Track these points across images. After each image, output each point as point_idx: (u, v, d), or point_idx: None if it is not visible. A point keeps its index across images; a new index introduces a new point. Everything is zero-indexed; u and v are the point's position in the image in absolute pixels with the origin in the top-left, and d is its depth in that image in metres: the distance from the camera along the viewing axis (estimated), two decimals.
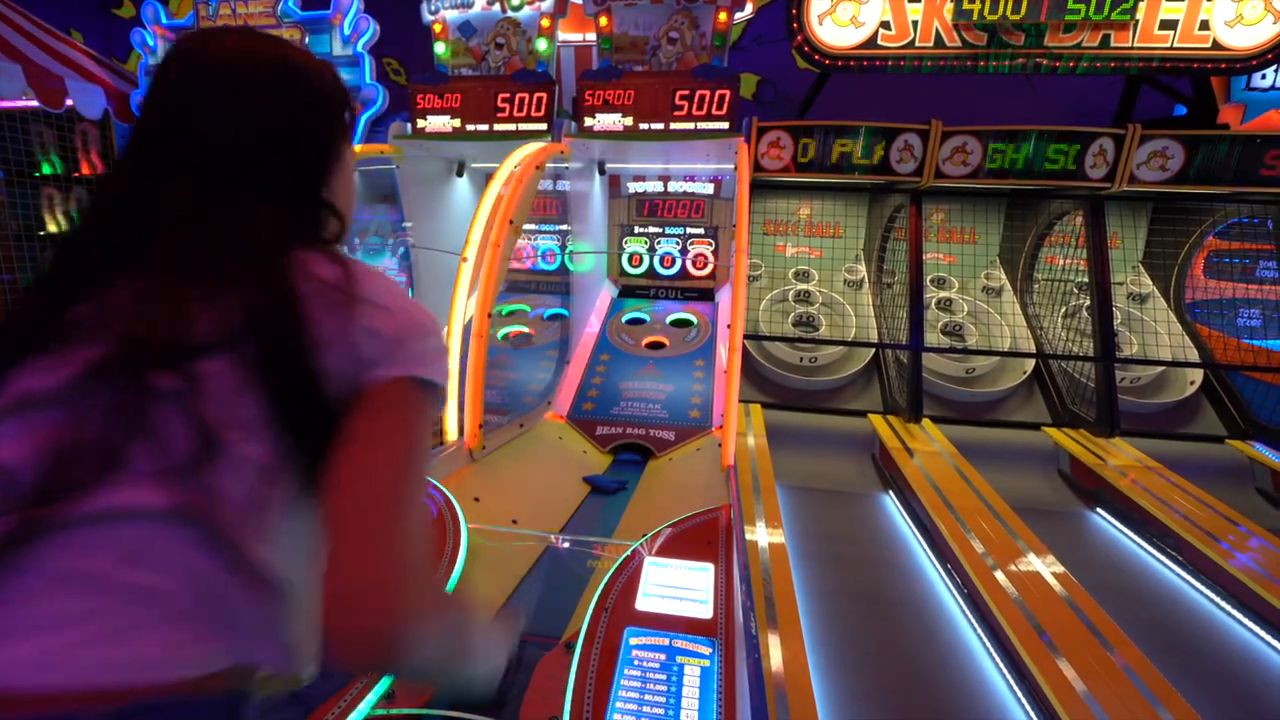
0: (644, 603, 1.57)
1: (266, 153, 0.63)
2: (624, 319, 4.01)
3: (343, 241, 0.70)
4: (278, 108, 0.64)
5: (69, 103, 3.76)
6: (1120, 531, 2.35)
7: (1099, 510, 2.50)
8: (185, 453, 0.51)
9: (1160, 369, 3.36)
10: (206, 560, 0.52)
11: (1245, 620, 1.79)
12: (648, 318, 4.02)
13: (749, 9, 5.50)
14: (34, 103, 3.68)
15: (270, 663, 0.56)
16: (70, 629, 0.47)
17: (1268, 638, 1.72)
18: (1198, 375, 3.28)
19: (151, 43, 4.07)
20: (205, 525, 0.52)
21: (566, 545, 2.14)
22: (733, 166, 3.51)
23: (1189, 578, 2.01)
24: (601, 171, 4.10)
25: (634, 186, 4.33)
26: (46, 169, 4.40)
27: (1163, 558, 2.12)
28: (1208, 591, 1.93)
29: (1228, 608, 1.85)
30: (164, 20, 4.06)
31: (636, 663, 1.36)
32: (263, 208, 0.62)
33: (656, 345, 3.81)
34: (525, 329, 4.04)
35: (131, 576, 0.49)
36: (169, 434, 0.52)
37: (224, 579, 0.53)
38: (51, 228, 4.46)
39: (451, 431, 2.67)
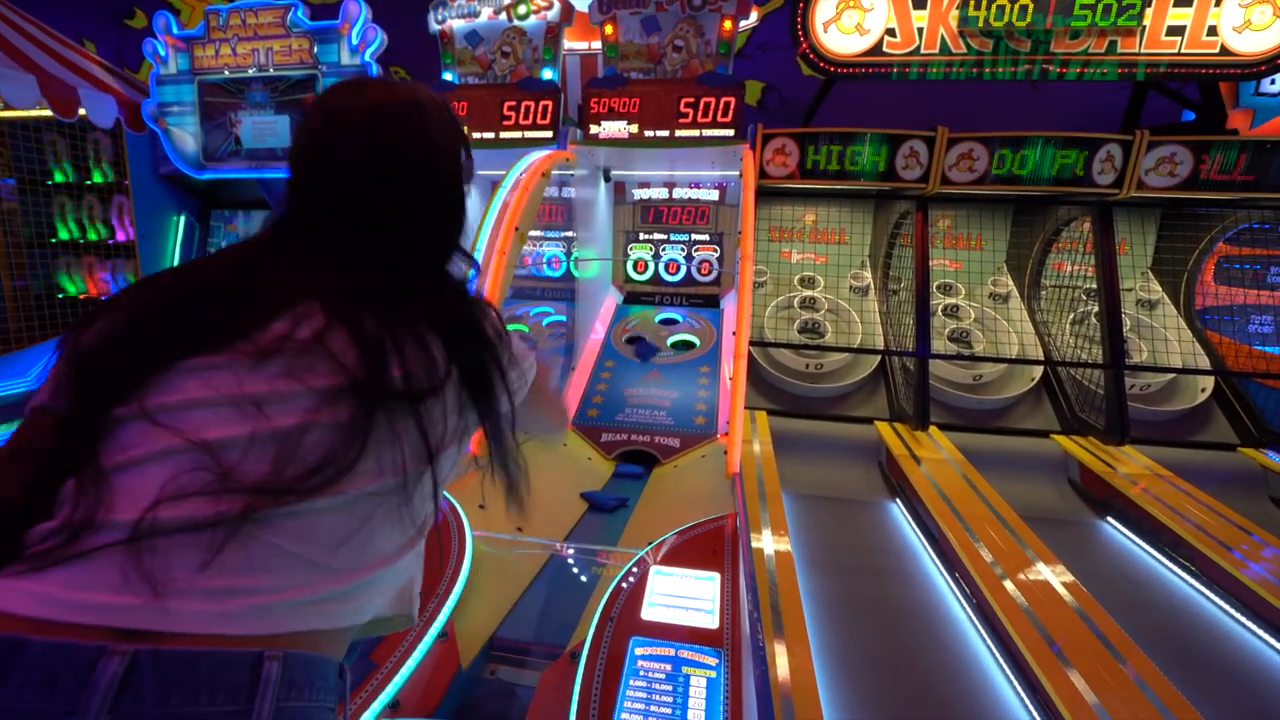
0: (649, 612, 1.56)
1: (420, 190, 0.73)
2: (625, 339, 3.95)
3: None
4: (419, 148, 0.73)
5: (81, 112, 3.80)
6: (1131, 541, 2.33)
7: (1109, 519, 2.48)
8: (400, 470, 0.64)
9: (1170, 376, 3.32)
10: (400, 540, 0.67)
11: (1259, 630, 1.77)
12: (651, 340, 3.96)
13: (754, 16, 5.51)
14: (47, 111, 3.72)
15: (401, 608, 0.71)
16: (285, 592, 0.57)
17: None
18: (1209, 382, 3.24)
19: (163, 52, 4.12)
20: (402, 512, 0.65)
21: (571, 554, 2.13)
22: (738, 173, 3.52)
23: (1201, 587, 1.98)
24: (607, 178, 4.12)
25: (639, 193, 4.34)
26: (59, 177, 4.45)
27: (1174, 567, 2.10)
28: (1220, 601, 1.90)
29: (1240, 618, 1.83)
30: (175, 30, 4.10)
31: (642, 673, 1.36)
32: (435, 252, 0.76)
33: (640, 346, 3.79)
34: (529, 334, 4.05)
35: (333, 560, 0.60)
36: (386, 459, 0.63)
37: (407, 553, 0.68)
38: (63, 235, 4.51)
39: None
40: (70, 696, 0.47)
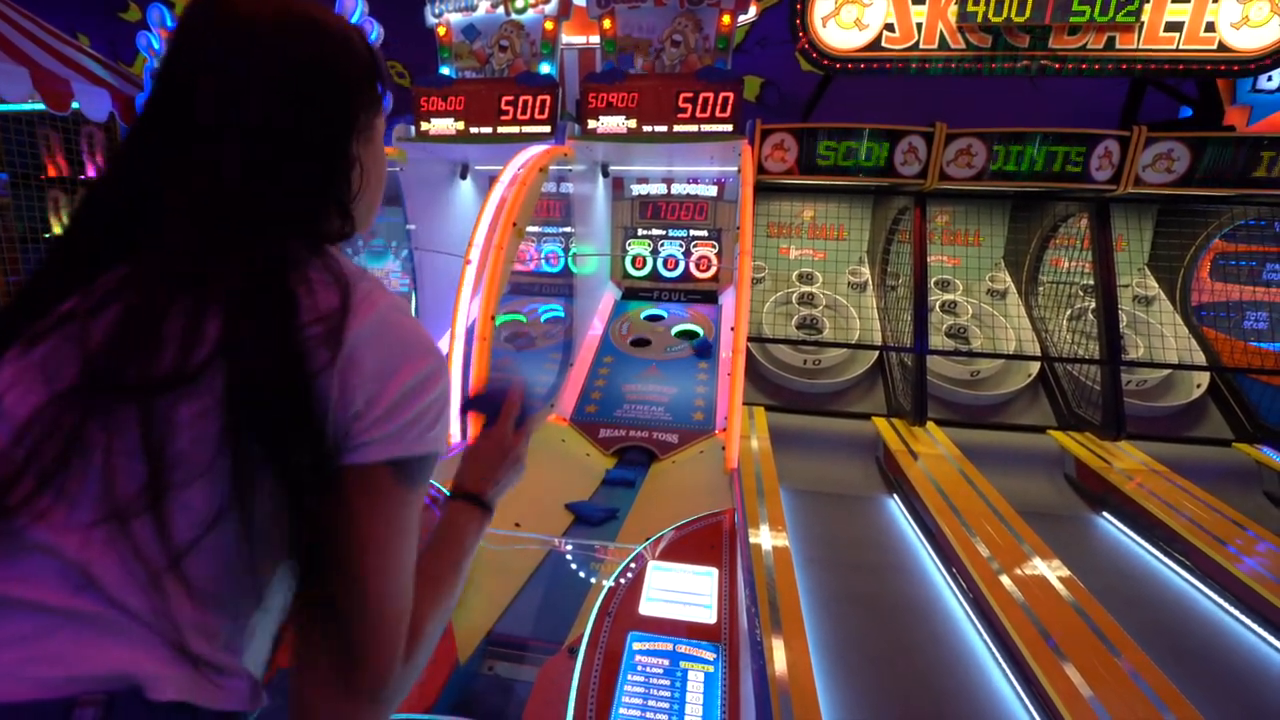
0: (647, 607, 1.56)
1: (287, 119, 0.56)
2: (629, 341, 3.93)
3: (363, 234, 0.64)
4: (299, 69, 0.57)
5: (74, 105, 3.77)
6: (1126, 535, 2.34)
7: (1105, 514, 2.49)
8: (128, 493, 0.47)
9: (1166, 372, 3.34)
10: (142, 597, 0.48)
11: (1252, 625, 1.78)
12: (651, 339, 3.96)
13: (752, 11, 5.49)
14: (40, 105, 3.69)
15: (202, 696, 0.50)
16: (12, 649, 0.45)
17: (1275, 642, 1.71)
18: (1204, 378, 3.26)
19: (157, 46, 4.08)
20: (133, 566, 0.48)
21: (569, 549, 2.13)
22: (736, 169, 3.51)
23: (1196, 582, 1.99)
24: (605, 174, 4.10)
25: (637, 189, 4.33)
26: (52, 172, 4.42)
27: (1169, 562, 2.11)
28: (1215, 596, 1.92)
29: (1235, 612, 1.84)
30: (169, 23, 4.07)
31: (640, 668, 1.36)
32: (273, 197, 0.56)
33: (642, 342, 3.79)
34: (528, 329, 4.04)
35: (69, 602, 0.47)
36: (116, 472, 0.48)
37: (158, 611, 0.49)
38: (57, 230, 4.48)
39: (455, 434, 2.66)
40: None
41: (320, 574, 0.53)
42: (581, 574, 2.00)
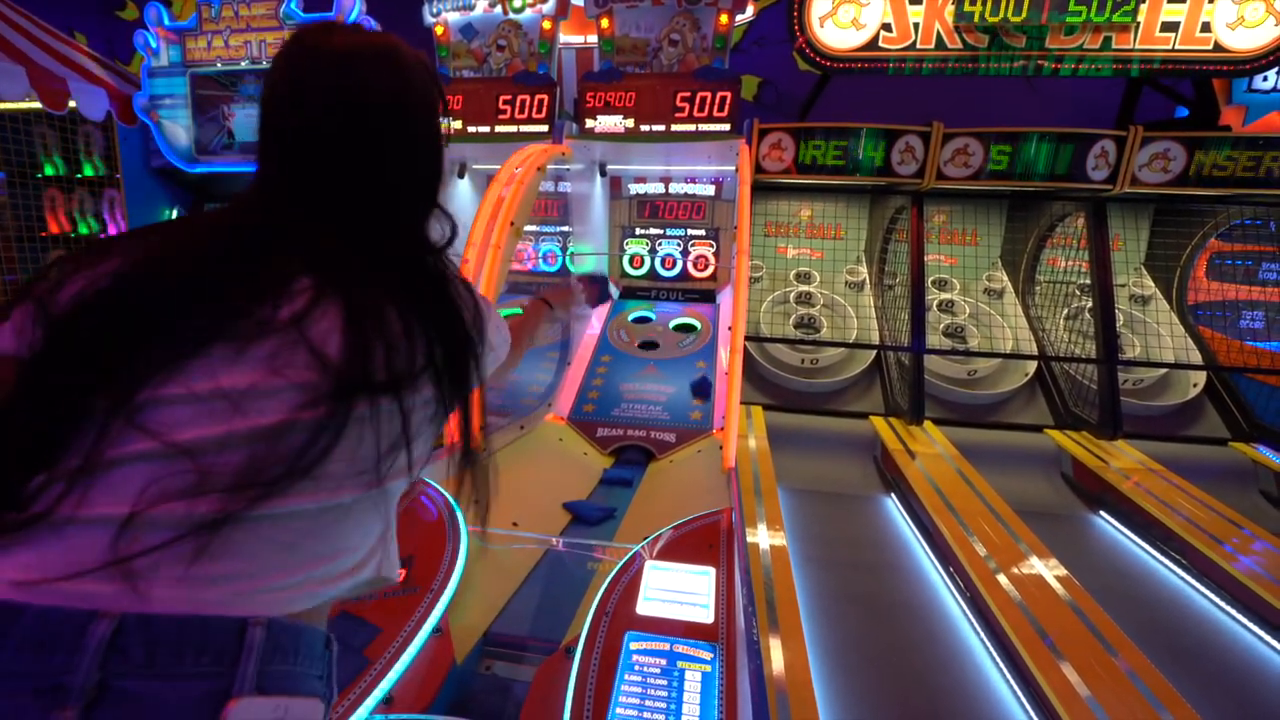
0: (645, 607, 1.56)
1: (401, 143, 0.69)
2: (630, 317, 3.98)
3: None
4: (402, 98, 0.69)
5: (72, 104, 3.76)
6: (1123, 534, 2.34)
7: (1102, 513, 2.49)
8: (375, 460, 0.62)
9: (1163, 371, 3.35)
10: (379, 524, 0.67)
11: (1249, 623, 1.79)
12: (654, 316, 4.00)
13: (750, 11, 5.49)
14: (37, 104, 3.68)
15: (382, 571, 0.69)
16: (264, 577, 0.57)
17: (1271, 641, 1.71)
18: (1200, 378, 3.27)
19: (154, 44, 4.07)
20: (378, 498, 0.65)
21: (566, 548, 2.13)
22: (734, 168, 3.51)
23: (1192, 581, 2.00)
24: (603, 173, 4.10)
25: (635, 188, 4.33)
26: (49, 170, 4.41)
27: (1166, 561, 2.12)
28: (1211, 595, 1.92)
29: (1231, 611, 1.85)
30: (167, 22, 4.06)
31: (637, 668, 1.36)
32: (413, 213, 0.72)
33: (650, 345, 3.80)
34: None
35: (315, 546, 0.60)
36: (363, 449, 0.61)
37: (382, 532, 0.68)
38: (54, 229, 4.46)
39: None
40: (64, 657, 0.50)
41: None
42: (579, 573, 2.00)
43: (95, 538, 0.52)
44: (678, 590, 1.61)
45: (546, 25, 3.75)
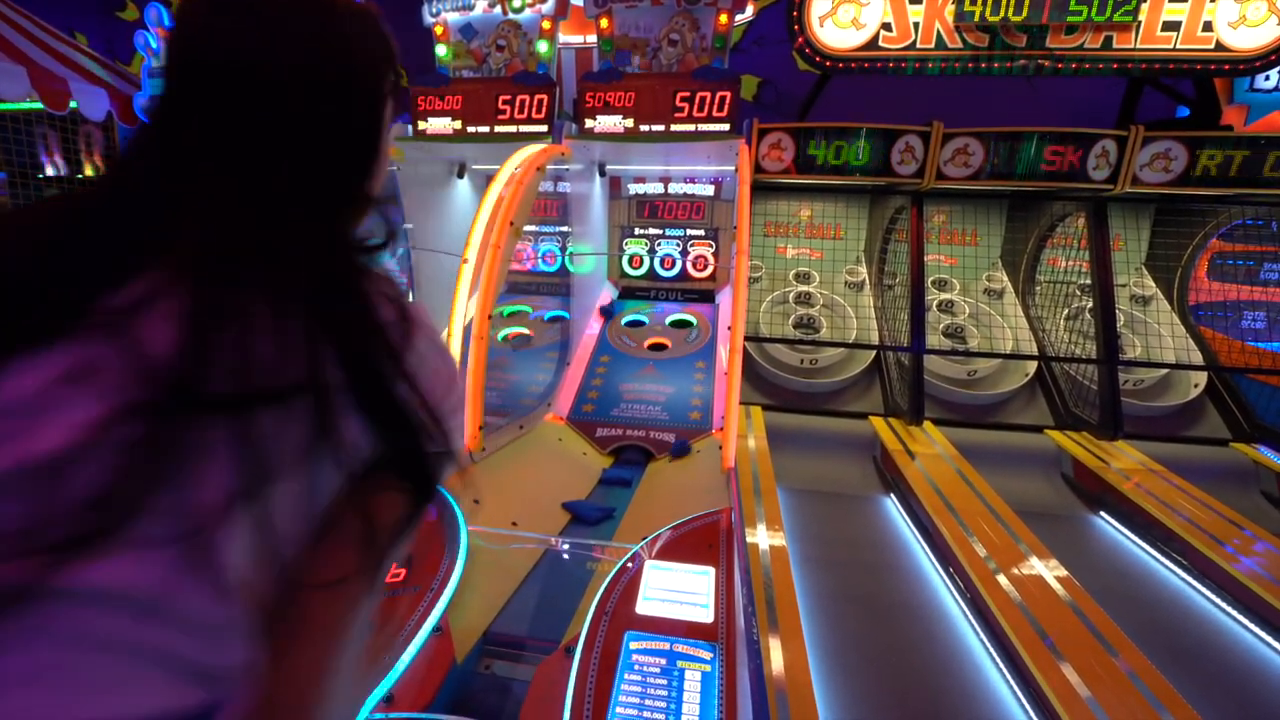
0: (644, 606, 1.56)
1: (330, 106, 0.53)
2: (622, 320, 4.00)
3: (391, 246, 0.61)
4: (328, 63, 0.54)
5: (73, 105, 3.77)
6: (1124, 535, 2.34)
7: (1102, 514, 2.49)
8: (215, 506, 0.43)
9: (1164, 371, 3.34)
10: (213, 611, 0.44)
11: (1250, 624, 1.78)
12: (647, 319, 4.01)
13: (749, 11, 5.50)
14: (38, 104, 3.69)
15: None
16: (60, 684, 0.39)
17: (1272, 642, 1.71)
18: (1201, 378, 3.26)
19: (154, 45, 4.08)
20: (214, 583, 0.44)
21: (566, 548, 2.13)
22: (733, 168, 3.51)
23: (1193, 581, 1.99)
24: (602, 173, 4.10)
25: (634, 188, 4.33)
26: (50, 170, 4.42)
27: (1167, 561, 2.11)
28: (1212, 596, 1.91)
29: (1232, 612, 1.84)
30: (167, 22, 4.06)
31: (637, 667, 1.36)
32: (323, 204, 0.53)
33: (658, 346, 3.80)
34: (525, 330, 4.04)
35: (136, 635, 0.41)
36: (202, 487, 0.43)
37: (225, 630, 0.45)
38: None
39: None
40: None
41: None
42: (578, 573, 2.00)
43: None
44: (677, 590, 1.61)
45: (546, 25, 3.75)
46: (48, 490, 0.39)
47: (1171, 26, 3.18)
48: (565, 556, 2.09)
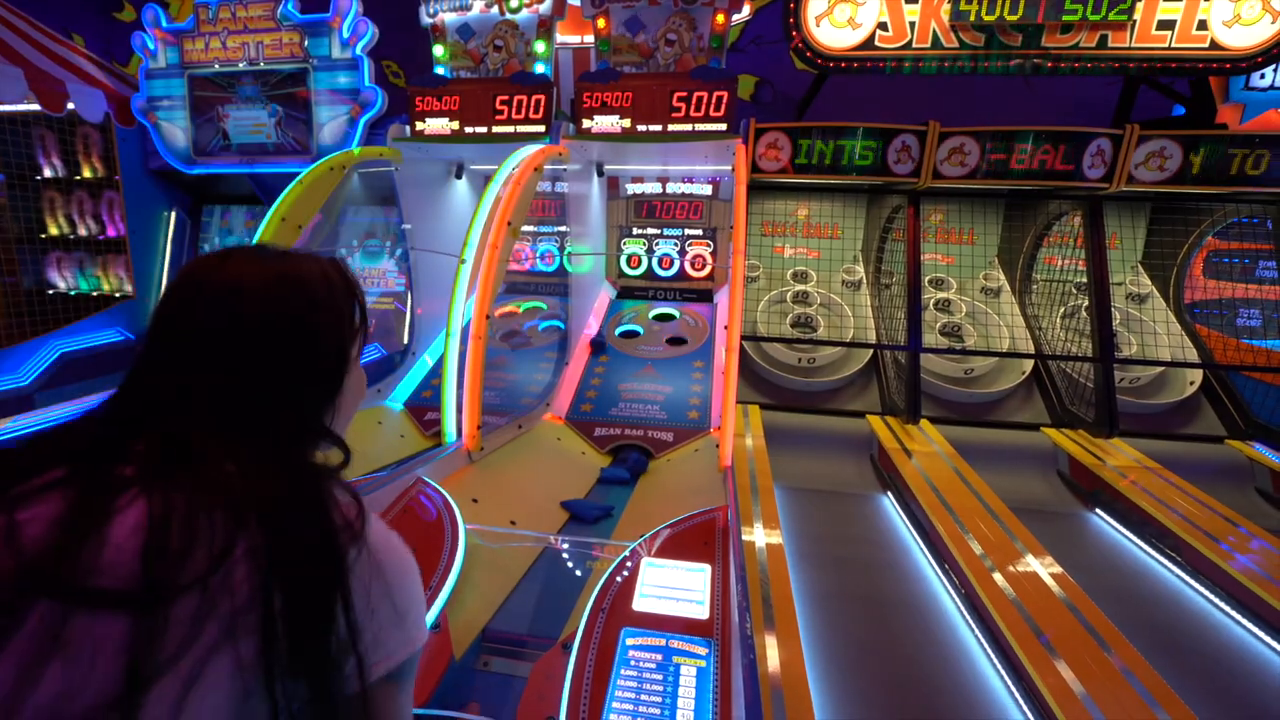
0: (641, 603, 1.56)
1: (294, 358, 0.60)
2: (617, 331, 3.97)
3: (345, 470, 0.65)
4: (285, 324, 0.60)
5: (70, 106, 3.77)
6: (1119, 532, 2.35)
7: (1098, 511, 2.50)
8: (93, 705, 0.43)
9: (1159, 369, 3.35)
10: None
11: (1244, 621, 1.79)
12: (641, 330, 3.99)
13: (746, 10, 5.50)
14: (35, 106, 3.69)
15: None
16: None
17: (1267, 639, 1.72)
18: (1197, 375, 3.27)
19: (152, 46, 4.08)
20: None
21: (564, 546, 2.13)
22: (730, 168, 3.52)
23: (1188, 579, 2.00)
24: (600, 173, 4.11)
25: (632, 188, 4.33)
26: (48, 172, 4.42)
27: (1162, 559, 2.12)
28: (1207, 592, 1.92)
29: (1227, 609, 1.85)
30: (164, 24, 4.06)
31: (633, 663, 1.36)
32: (283, 431, 0.59)
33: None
34: (537, 321, 4.05)
35: None
36: (81, 683, 0.43)
37: None
38: (53, 230, 4.47)
39: (450, 433, 2.67)
40: None
41: None
42: (576, 571, 2.00)
43: None
44: (674, 587, 1.62)
45: (543, 25, 3.76)
46: None
47: (1166, 25, 3.19)
48: (564, 554, 2.10)
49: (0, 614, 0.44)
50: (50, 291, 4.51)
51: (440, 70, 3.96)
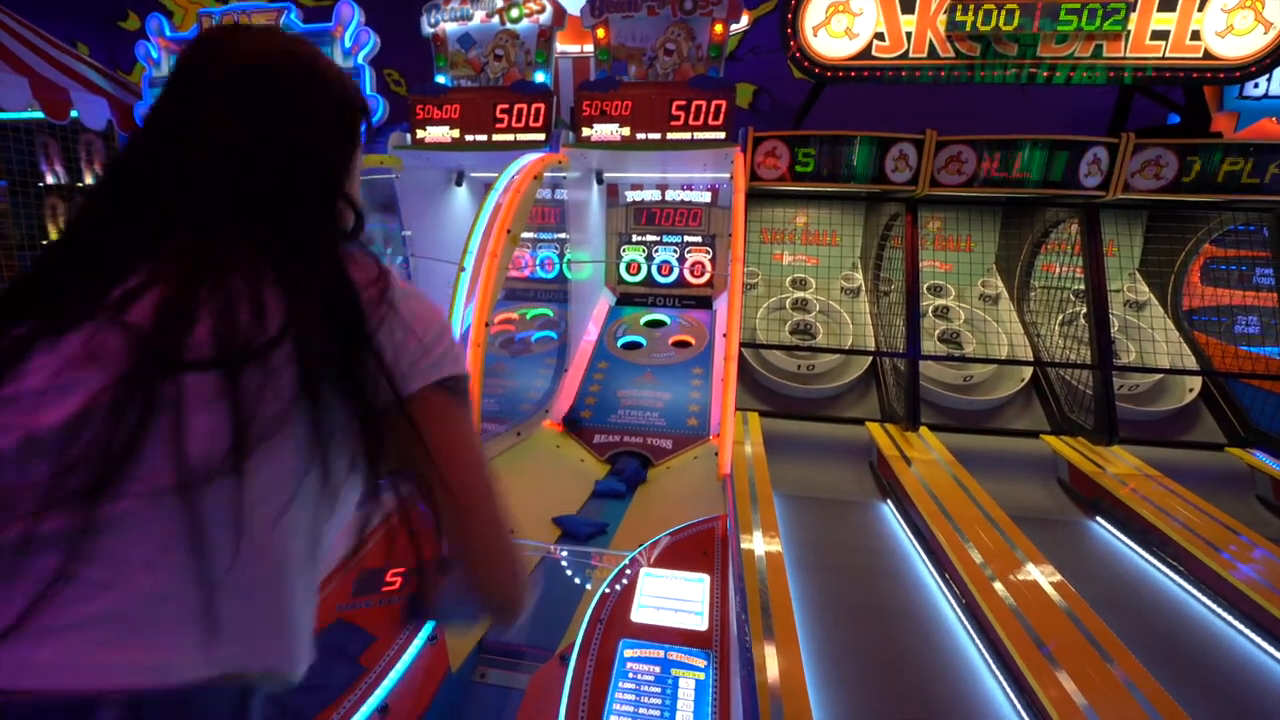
0: (639, 614, 1.56)
1: (296, 160, 0.63)
2: (619, 343, 3.97)
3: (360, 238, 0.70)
4: (306, 115, 0.64)
5: (73, 114, 3.79)
6: (1119, 541, 2.34)
7: (1098, 519, 2.49)
8: (210, 459, 0.51)
9: (1158, 376, 3.35)
10: (220, 565, 0.52)
11: (1246, 631, 1.78)
12: (645, 341, 3.99)
13: (745, 20, 5.54)
14: (39, 113, 3.71)
15: (269, 663, 0.57)
16: (90, 631, 0.48)
17: (1269, 648, 1.71)
18: (1196, 383, 3.27)
19: (155, 55, 4.10)
20: (225, 530, 0.52)
21: (563, 555, 2.13)
22: (729, 175, 3.53)
23: (1189, 587, 1.99)
24: (599, 181, 4.13)
25: (632, 195, 4.35)
26: (50, 179, 4.44)
27: (1162, 567, 2.11)
28: (1208, 602, 1.91)
29: (1228, 618, 1.84)
30: (168, 33, 4.09)
31: (631, 675, 1.35)
32: (295, 208, 0.62)
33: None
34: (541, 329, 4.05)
35: (147, 583, 0.50)
36: (196, 438, 0.51)
37: (234, 585, 0.53)
38: (55, 237, 4.49)
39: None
40: None
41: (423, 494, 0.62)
42: (574, 581, 2.00)
43: None
44: (672, 597, 1.61)
45: (543, 34, 3.79)
46: (63, 450, 0.48)
47: (1160, 35, 3.22)
48: (562, 564, 2.09)
49: (144, 390, 0.50)
50: None
51: (441, 79, 3.98)
